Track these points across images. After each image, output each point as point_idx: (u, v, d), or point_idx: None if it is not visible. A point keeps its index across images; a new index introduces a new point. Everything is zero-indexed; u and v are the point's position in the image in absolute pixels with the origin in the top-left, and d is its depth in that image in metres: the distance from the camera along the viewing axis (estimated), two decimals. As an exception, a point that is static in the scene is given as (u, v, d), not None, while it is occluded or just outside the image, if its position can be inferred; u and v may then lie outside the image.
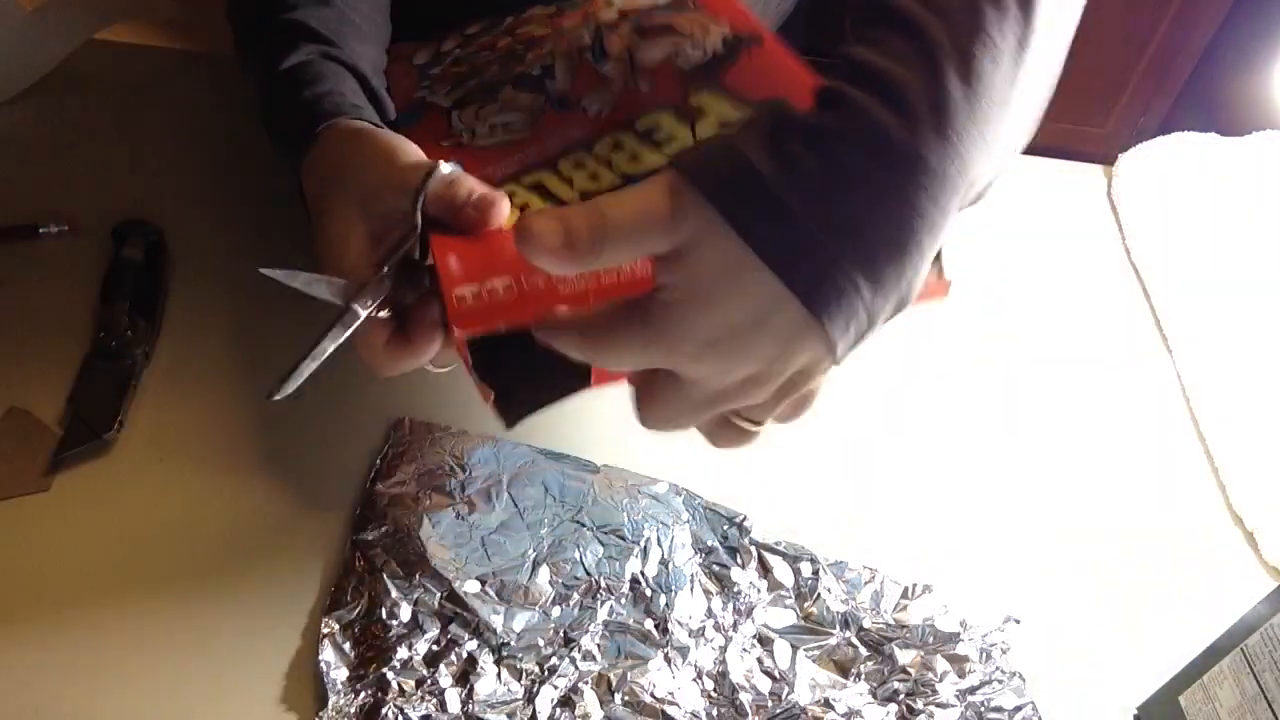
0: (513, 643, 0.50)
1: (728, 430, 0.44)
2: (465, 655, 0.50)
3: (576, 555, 0.54)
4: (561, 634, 0.51)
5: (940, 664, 0.52)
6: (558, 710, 0.49)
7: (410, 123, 0.52)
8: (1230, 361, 0.68)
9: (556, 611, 0.52)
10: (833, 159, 0.34)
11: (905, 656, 0.52)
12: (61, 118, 0.73)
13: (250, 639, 0.50)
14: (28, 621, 0.50)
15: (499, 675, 0.49)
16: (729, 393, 0.39)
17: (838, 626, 0.53)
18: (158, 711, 0.48)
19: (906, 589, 0.55)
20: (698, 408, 0.40)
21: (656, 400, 0.40)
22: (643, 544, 0.55)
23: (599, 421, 0.61)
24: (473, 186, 0.42)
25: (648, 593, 0.53)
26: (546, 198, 0.45)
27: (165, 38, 0.84)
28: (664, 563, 0.54)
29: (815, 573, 0.55)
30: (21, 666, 0.48)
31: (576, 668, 0.50)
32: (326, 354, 0.44)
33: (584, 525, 0.55)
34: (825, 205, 0.34)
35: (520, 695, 0.49)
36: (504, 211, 0.42)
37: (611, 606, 0.52)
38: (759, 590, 0.54)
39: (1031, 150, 0.85)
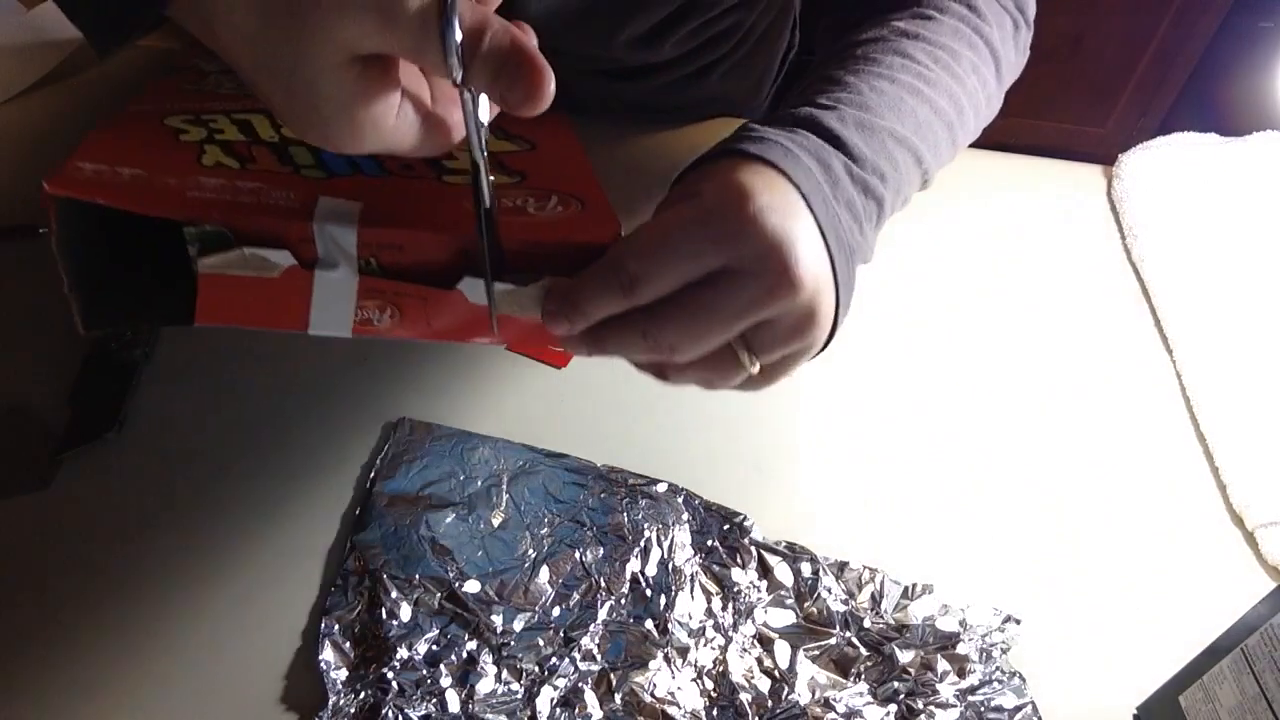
0: (513, 643, 0.50)
1: (722, 362, 0.43)
2: (465, 655, 0.50)
3: (576, 555, 0.54)
4: (561, 634, 0.51)
5: (940, 664, 0.52)
6: (558, 710, 0.49)
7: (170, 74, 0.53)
8: (1230, 361, 0.68)
9: (556, 611, 0.52)
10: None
11: (905, 656, 0.52)
12: (61, 118, 0.73)
13: (250, 639, 0.50)
14: (28, 621, 0.50)
15: (499, 675, 0.49)
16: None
17: (838, 626, 0.53)
18: (157, 711, 0.48)
19: (906, 589, 0.55)
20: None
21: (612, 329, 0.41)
22: (643, 544, 0.55)
23: (599, 421, 0.62)
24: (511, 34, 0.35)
25: (648, 593, 0.53)
26: (247, 132, 0.45)
27: (165, 37, 0.84)
28: (664, 563, 0.54)
29: (815, 573, 0.55)
30: (21, 666, 0.48)
31: (576, 668, 0.50)
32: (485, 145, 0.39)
33: (584, 525, 0.55)
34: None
35: (520, 695, 0.49)
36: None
37: (611, 606, 0.52)
38: (759, 590, 0.54)
39: (1031, 150, 0.86)
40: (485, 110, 0.37)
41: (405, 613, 0.50)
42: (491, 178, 0.39)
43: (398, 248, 0.40)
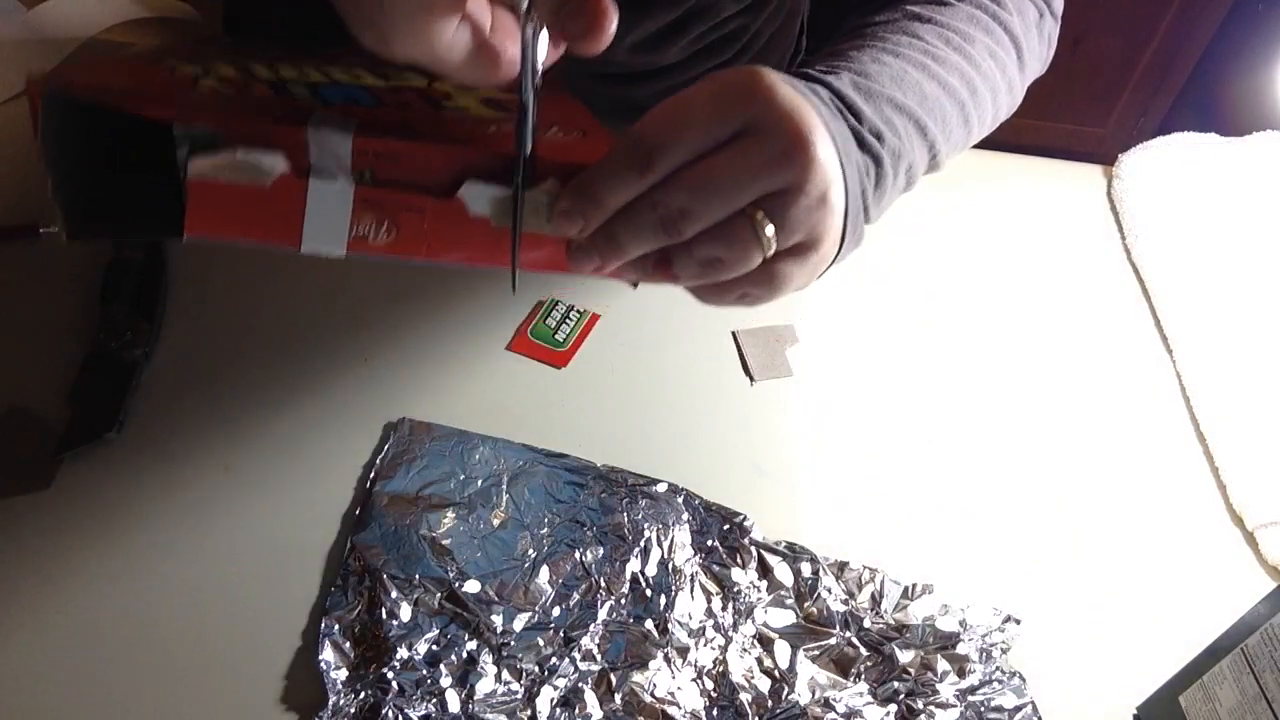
0: (513, 643, 0.50)
1: (739, 237, 0.40)
2: (465, 655, 0.50)
3: (576, 555, 0.54)
4: (561, 634, 0.51)
5: (940, 664, 0.52)
6: (558, 710, 0.49)
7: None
8: (1230, 361, 0.68)
9: (556, 611, 0.52)
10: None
11: (905, 656, 0.52)
12: (61, 118, 0.73)
13: (250, 639, 0.50)
14: (28, 621, 0.50)
15: (499, 675, 0.49)
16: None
17: (838, 626, 0.53)
18: (158, 711, 0.48)
19: (906, 589, 0.55)
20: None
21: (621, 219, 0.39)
22: (643, 544, 0.55)
23: (599, 421, 0.62)
24: None
25: (648, 593, 0.53)
26: (245, 73, 0.44)
27: (165, 37, 0.84)
28: (664, 563, 0.54)
29: (815, 573, 0.55)
30: (21, 666, 0.48)
31: (576, 668, 0.50)
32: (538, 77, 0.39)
33: (584, 525, 0.55)
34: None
35: (520, 695, 0.49)
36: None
37: (611, 606, 0.52)
38: (759, 590, 0.54)
39: (1031, 150, 0.86)
40: (543, 49, 0.37)
41: (405, 613, 0.50)
42: (533, 122, 0.38)
43: (394, 158, 0.39)
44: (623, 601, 0.53)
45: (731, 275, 0.40)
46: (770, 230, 0.39)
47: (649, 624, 0.52)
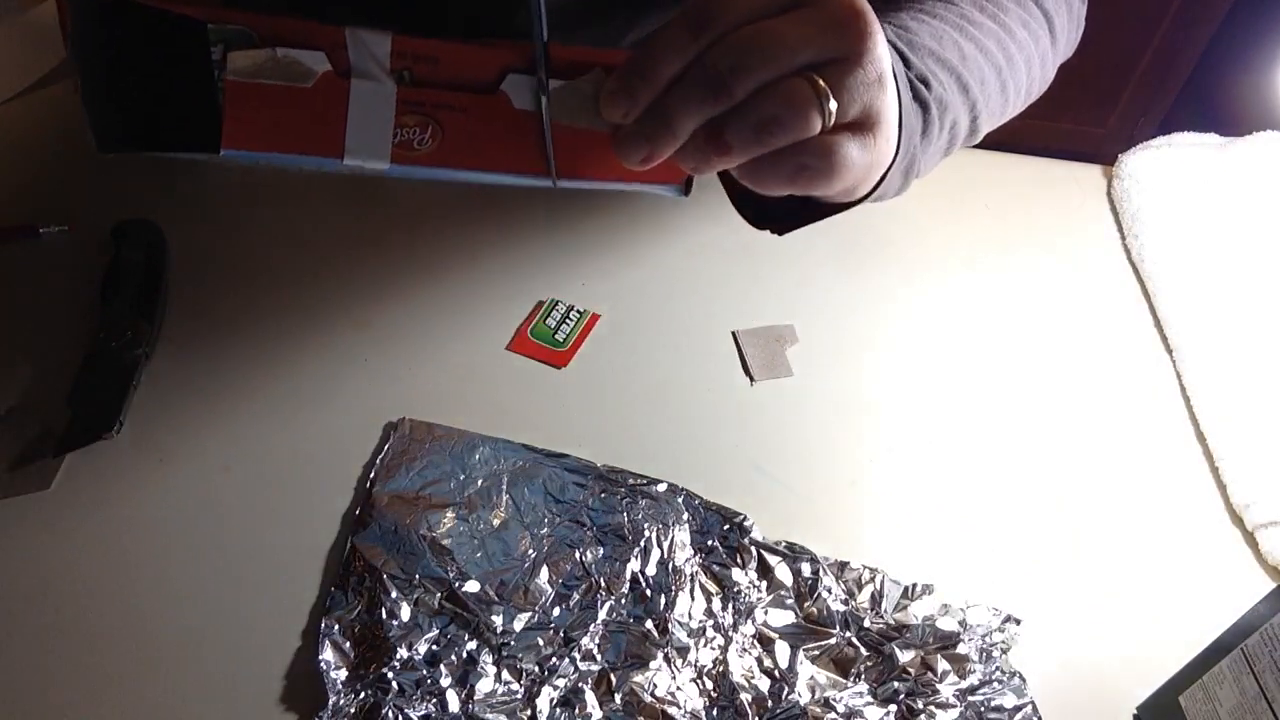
0: (513, 643, 0.50)
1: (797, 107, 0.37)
2: (465, 655, 0.50)
3: (576, 555, 0.54)
4: (561, 634, 0.51)
5: (940, 664, 0.52)
6: (558, 710, 0.49)
7: None
8: (1230, 362, 0.68)
9: (556, 611, 0.52)
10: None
11: (905, 656, 0.52)
12: (61, 118, 0.73)
13: (250, 639, 0.50)
14: (28, 621, 0.50)
15: (499, 675, 0.49)
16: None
17: (838, 626, 0.53)
18: (157, 711, 0.48)
19: (906, 589, 0.55)
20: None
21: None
22: (643, 544, 0.55)
23: (599, 421, 0.62)
24: None
25: (648, 593, 0.53)
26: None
27: None
28: (664, 563, 0.54)
29: (815, 573, 0.55)
30: (21, 666, 0.48)
31: (576, 668, 0.50)
32: None
33: (584, 525, 0.55)
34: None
35: (520, 695, 0.49)
36: None
37: (611, 606, 0.52)
38: (759, 590, 0.54)
39: (1031, 150, 0.86)
40: None
41: (405, 613, 0.50)
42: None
43: (433, 60, 0.37)
44: (623, 601, 0.53)
45: (789, 138, 0.37)
46: (829, 94, 0.37)
47: (649, 624, 0.52)
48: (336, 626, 0.50)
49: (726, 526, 0.56)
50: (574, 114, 0.38)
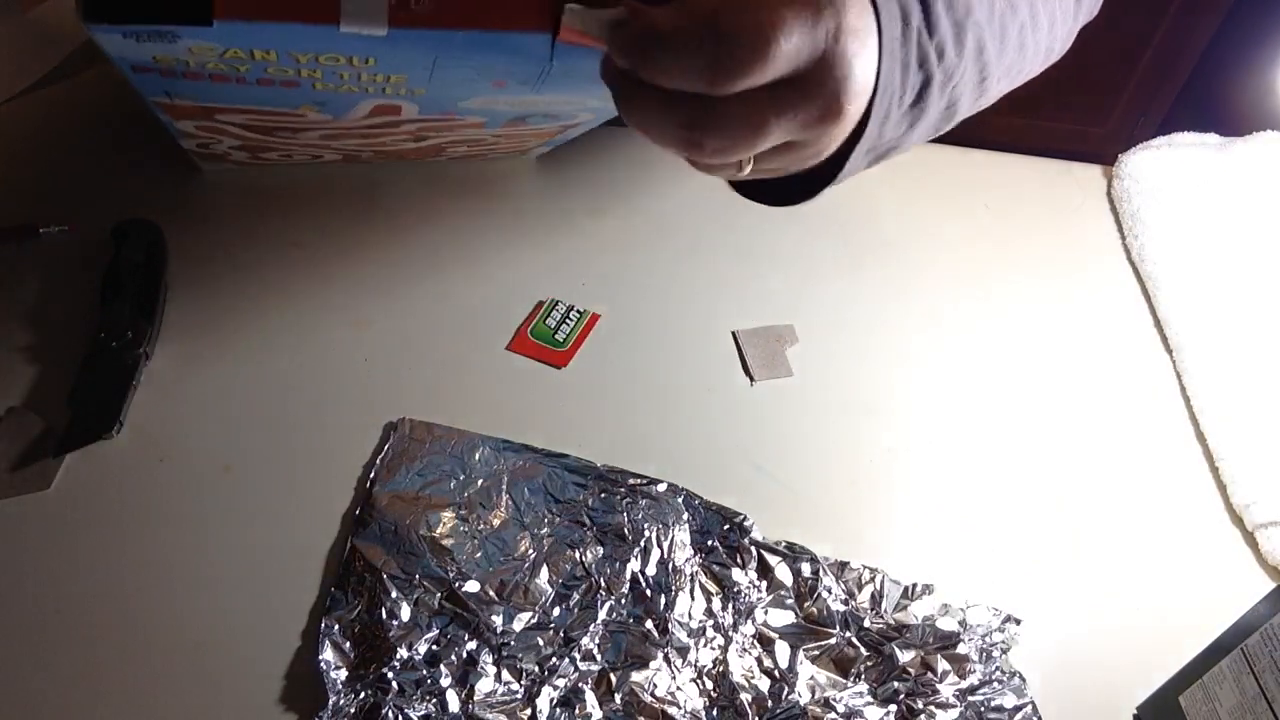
0: (513, 643, 0.50)
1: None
2: (465, 655, 0.50)
3: (576, 555, 0.54)
4: (561, 634, 0.51)
5: (940, 664, 0.52)
6: (558, 710, 0.49)
7: None
8: (1230, 362, 0.68)
9: (556, 611, 0.52)
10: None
11: (905, 656, 0.52)
12: (61, 118, 0.73)
13: (250, 639, 0.50)
14: (28, 621, 0.50)
15: (499, 675, 0.49)
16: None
17: (838, 626, 0.53)
18: (157, 711, 0.48)
19: (906, 589, 0.55)
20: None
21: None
22: (643, 544, 0.55)
23: (599, 421, 0.62)
24: None
25: (648, 593, 0.53)
26: None
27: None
28: (664, 563, 0.54)
29: (815, 573, 0.55)
30: (21, 666, 0.48)
31: (576, 668, 0.50)
32: None
33: (584, 525, 0.55)
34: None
35: (520, 695, 0.49)
36: None
37: (611, 606, 0.52)
38: (759, 590, 0.54)
39: (1031, 150, 0.86)
40: None
41: (405, 613, 0.50)
42: None
43: None
44: (623, 601, 0.53)
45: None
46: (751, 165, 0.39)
47: (649, 624, 0.52)
48: (336, 626, 0.50)
49: (726, 526, 0.56)
50: (584, 20, 0.38)
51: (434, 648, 0.50)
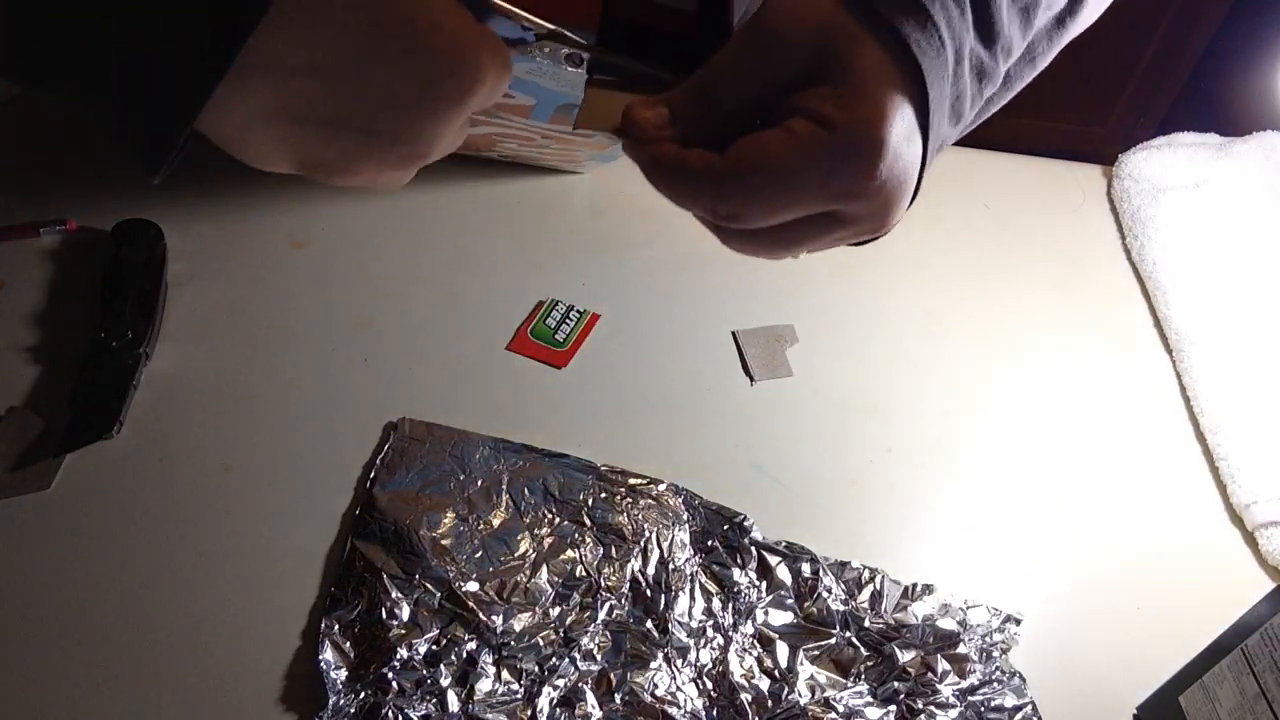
0: (513, 643, 0.50)
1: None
2: (465, 655, 0.50)
3: (576, 555, 0.54)
4: (561, 634, 0.51)
5: (940, 664, 0.52)
6: (558, 710, 0.49)
7: None
8: (1230, 362, 0.68)
9: (556, 611, 0.52)
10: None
11: (905, 656, 0.52)
12: (61, 118, 0.73)
13: (250, 639, 0.50)
14: (28, 621, 0.50)
15: (499, 675, 0.49)
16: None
17: (838, 626, 0.53)
18: (157, 711, 0.48)
19: (906, 589, 0.55)
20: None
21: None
22: (643, 544, 0.55)
23: (599, 421, 0.62)
24: None
25: (648, 593, 0.53)
26: None
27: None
28: (664, 563, 0.54)
29: (815, 573, 0.55)
30: (21, 666, 0.48)
31: (576, 668, 0.50)
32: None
33: (584, 525, 0.55)
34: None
35: (520, 695, 0.49)
36: None
37: (611, 606, 0.52)
38: (759, 590, 0.54)
39: (1031, 150, 0.86)
40: None
41: (405, 613, 0.50)
42: None
43: None
44: (623, 601, 0.53)
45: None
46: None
47: (649, 624, 0.52)
48: (336, 626, 0.50)
49: (726, 526, 0.56)
50: (600, 114, 0.38)
51: (434, 648, 0.50)
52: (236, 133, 0.33)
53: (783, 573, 0.55)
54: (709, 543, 0.56)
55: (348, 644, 0.49)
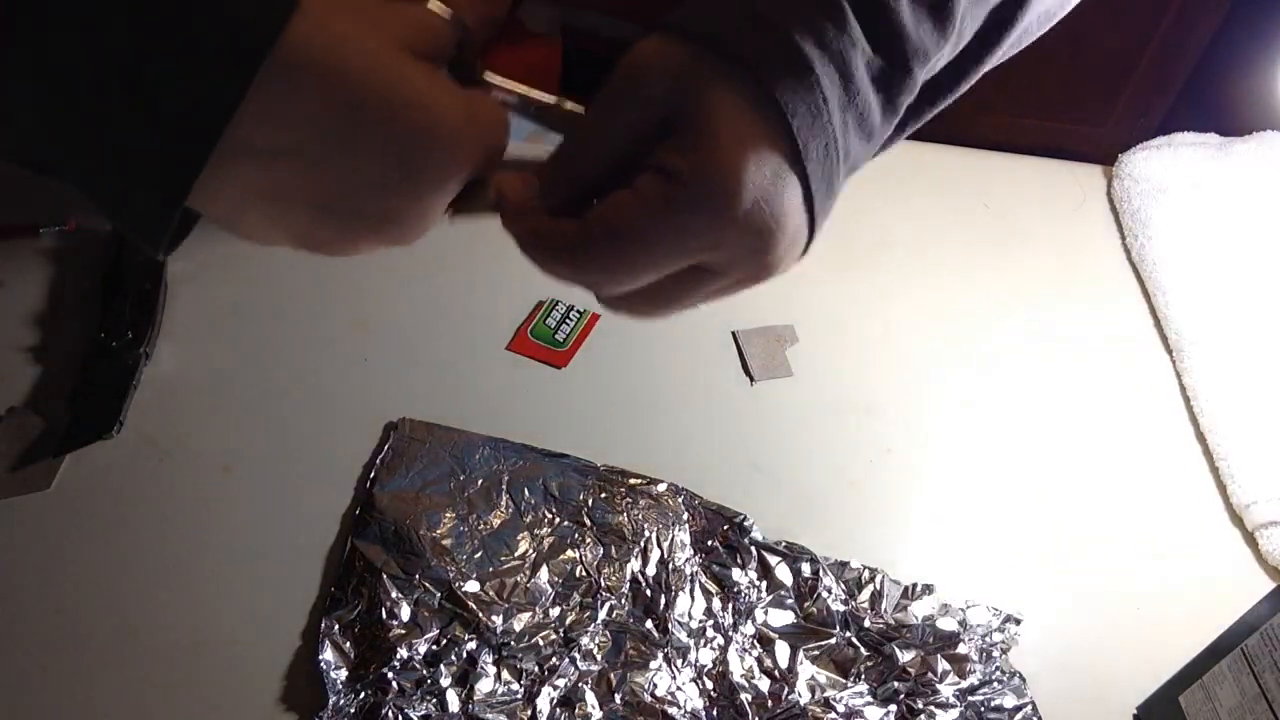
0: (513, 643, 0.50)
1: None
2: (465, 655, 0.50)
3: (576, 555, 0.54)
4: (561, 634, 0.51)
5: (940, 664, 0.52)
6: (558, 710, 0.49)
7: None
8: (1230, 362, 0.68)
9: (556, 611, 0.52)
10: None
11: (905, 656, 0.52)
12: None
13: (250, 639, 0.50)
14: (28, 621, 0.50)
15: (499, 675, 0.49)
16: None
17: (838, 626, 0.53)
18: (158, 711, 0.48)
19: (906, 589, 0.55)
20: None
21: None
22: (643, 544, 0.55)
23: (599, 421, 0.62)
24: None
25: (648, 593, 0.53)
26: None
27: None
28: (664, 563, 0.54)
29: (815, 573, 0.55)
30: (22, 666, 0.48)
31: (576, 668, 0.50)
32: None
33: (584, 525, 0.55)
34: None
35: (520, 695, 0.49)
36: None
37: (611, 606, 0.52)
38: (759, 590, 0.54)
39: (1031, 150, 0.86)
40: None
41: (405, 613, 0.50)
42: None
43: None
44: (623, 601, 0.53)
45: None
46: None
47: (649, 624, 0.52)
48: (336, 626, 0.50)
49: (726, 526, 0.56)
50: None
51: (434, 648, 0.50)
52: (230, 214, 0.33)
53: (783, 573, 0.55)
54: (709, 543, 0.56)
55: (348, 644, 0.49)
